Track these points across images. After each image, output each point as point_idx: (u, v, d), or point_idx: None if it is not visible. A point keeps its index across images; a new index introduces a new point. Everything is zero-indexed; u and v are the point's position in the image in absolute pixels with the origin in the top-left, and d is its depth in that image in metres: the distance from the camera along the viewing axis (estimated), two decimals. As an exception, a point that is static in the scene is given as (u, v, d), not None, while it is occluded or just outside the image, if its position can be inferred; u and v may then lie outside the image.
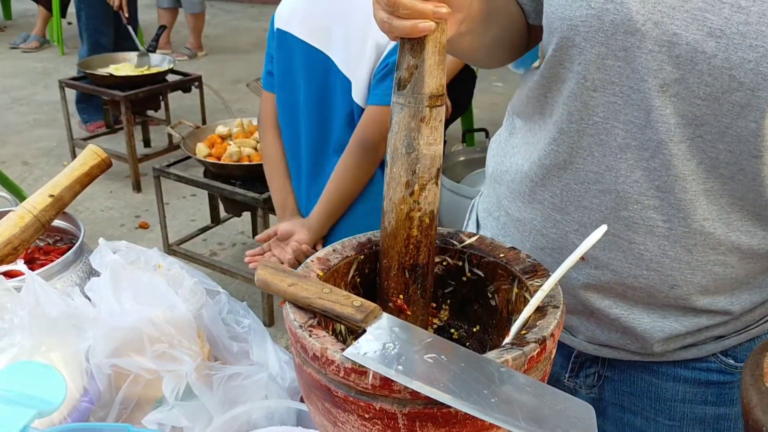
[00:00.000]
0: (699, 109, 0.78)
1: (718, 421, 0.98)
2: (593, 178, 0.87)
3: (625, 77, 0.80)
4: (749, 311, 0.93)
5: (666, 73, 0.78)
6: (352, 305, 0.70)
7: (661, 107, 0.79)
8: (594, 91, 0.83)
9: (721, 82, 0.76)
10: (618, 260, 0.89)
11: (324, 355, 0.66)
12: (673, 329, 0.92)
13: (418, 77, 0.74)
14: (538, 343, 0.67)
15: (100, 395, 0.84)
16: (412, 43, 0.74)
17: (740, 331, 0.94)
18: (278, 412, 0.90)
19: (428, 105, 0.74)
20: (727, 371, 0.96)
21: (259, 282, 0.76)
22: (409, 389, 0.62)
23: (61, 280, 1.04)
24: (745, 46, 0.73)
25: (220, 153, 2.84)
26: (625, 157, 0.83)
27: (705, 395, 0.97)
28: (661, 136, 0.80)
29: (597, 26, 0.80)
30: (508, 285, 0.82)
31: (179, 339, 0.86)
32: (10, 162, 4.44)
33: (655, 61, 0.78)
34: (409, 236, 0.79)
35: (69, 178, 1.12)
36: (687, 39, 0.76)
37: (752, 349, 0.89)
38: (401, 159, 0.76)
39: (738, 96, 0.75)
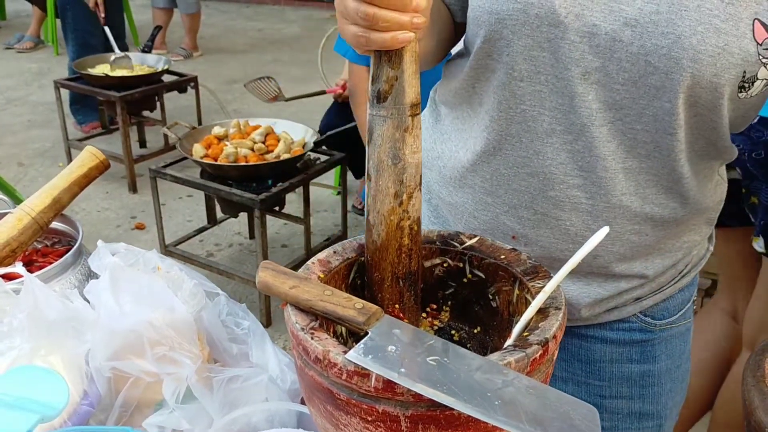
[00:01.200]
0: (618, 93, 0.85)
1: (643, 378, 1.07)
2: (521, 162, 0.93)
3: (550, 66, 0.87)
4: (662, 274, 1.02)
5: (587, 61, 0.85)
6: (354, 308, 0.70)
7: (584, 93, 0.86)
8: (521, 81, 0.89)
9: (638, 68, 0.83)
10: (546, 236, 0.96)
11: (326, 358, 0.66)
12: (597, 294, 1.00)
13: (398, 88, 0.74)
14: (541, 345, 0.67)
15: (100, 398, 0.84)
16: (390, 55, 0.74)
17: (655, 291, 1.03)
18: (279, 415, 0.90)
19: (410, 114, 0.75)
20: (647, 329, 1.05)
21: (260, 284, 0.75)
22: (411, 392, 0.62)
23: (59, 283, 1.04)
24: (658, 34, 0.80)
25: (216, 154, 2.83)
26: (551, 141, 0.90)
27: (630, 354, 1.06)
28: (583, 120, 0.87)
29: (523, 20, 0.86)
30: (509, 286, 0.82)
31: (179, 341, 0.85)
32: (5, 163, 4.42)
33: (577, 51, 0.84)
34: (400, 246, 0.79)
35: (67, 180, 1.12)
36: (605, 29, 0.83)
37: (667, 308, 1.06)
38: (387, 170, 0.76)
39: (653, 79, 0.83)
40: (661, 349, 1.06)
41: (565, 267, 0.73)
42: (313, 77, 5.07)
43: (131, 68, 4.14)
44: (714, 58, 0.80)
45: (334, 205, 3.89)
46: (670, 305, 1.06)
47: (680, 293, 1.07)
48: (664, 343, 1.07)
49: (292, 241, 3.58)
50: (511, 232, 0.97)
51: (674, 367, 1.09)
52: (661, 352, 1.06)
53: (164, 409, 0.84)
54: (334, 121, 3.31)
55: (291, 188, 2.84)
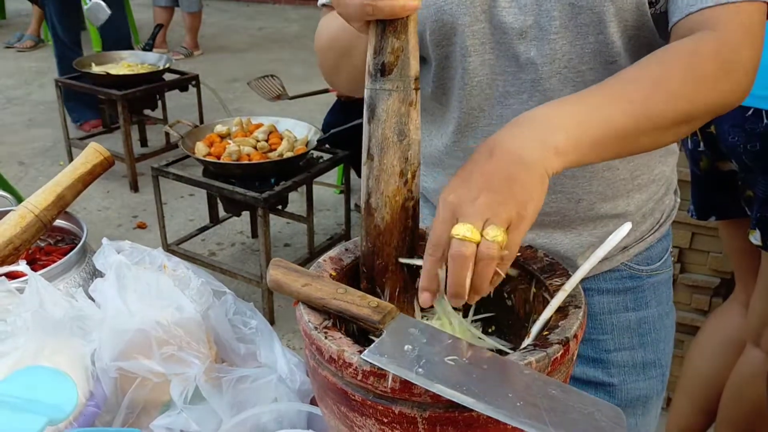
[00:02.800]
0: (556, 42, 0.90)
1: (640, 325, 1.13)
2: (488, 130, 0.96)
3: (490, 35, 0.92)
4: (642, 221, 1.07)
5: (520, 21, 0.90)
6: (368, 306, 0.68)
7: (526, 51, 0.91)
8: (469, 56, 0.93)
9: (565, 14, 0.88)
10: None
11: (341, 358, 0.64)
12: (589, 242, 1.04)
13: (404, 60, 0.72)
14: (562, 345, 0.65)
15: (106, 399, 0.82)
16: (395, 25, 0.71)
17: (638, 241, 1.09)
18: (288, 415, 0.88)
19: (414, 88, 0.73)
20: (636, 276, 1.11)
21: (271, 282, 0.74)
22: (429, 392, 0.61)
23: (63, 281, 1.02)
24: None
25: (219, 152, 2.81)
26: (508, 103, 0.94)
27: (624, 302, 1.11)
28: (532, 76, 0.92)
29: (457, 0, 0.90)
30: (525, 285, 0.80)
31: (187, 341, 0.83)
32: (6, 162, 4.40)
33: (509, 15, 0.90)
34: (405, 228, 0.76)
35: (71, 177, 1.10)
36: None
37: (650, 257, 1.12)
38: (393, 147, 0.74)
39: (582, 18, 0.88)
40: (650, 295, 1.12)
41: (586, 264, 0.71)
42: (314, 76, 5.05)
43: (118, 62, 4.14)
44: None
45: (337, 204, 3.87)
46: (653, 254, 1.12)
47: (659, 243, 1.12)
48: (652, 289, 1.13)
49: (294, 240, 3.56)
50: None
51: (664, 314, 1.15)
52: (651, 298, 1.13)
53: (172, 410, 0.82)
54: (336, 120, 3.29)
55: (294, 187, 2.82)
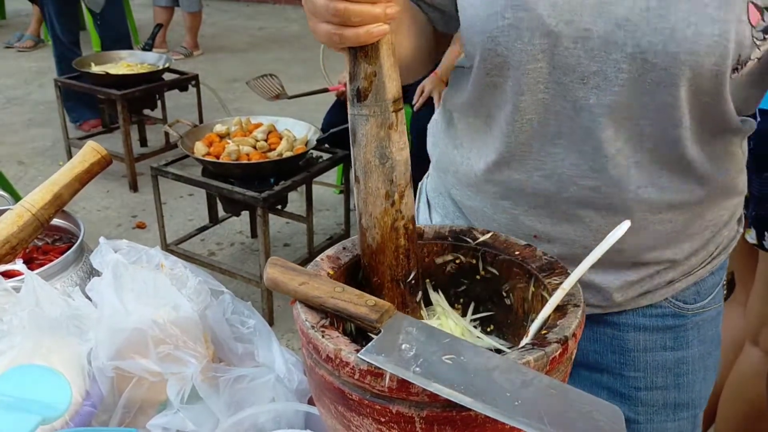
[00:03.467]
0: (619, 95, 0.83)
1: (677, 365, 1.05)
2: (534, 165, 0.92)
3: (548, 75, 0.85)
4: (693, 255, 1.01)
5: (584, 66, 0.83)
6: (365, 305, 0.68)
7: (585, 98, 0.85)
8: (522, 95, 0.87)
9: (635, 67, 0.81)
10: (567, 233, 0.94)
11: (338, 357, 0.64)
12: (628, 276, 0.99)
13: (378, 84, 0.71)
14: (560, 343, 0.65)
15: (102, 399, 0.82)
16: (366, 51, 0.71)
17: (687, 274, 1.02)
18: (286, 415, 0.88)
19: (393, 110, 0.72)
20: (680, 314, 1.04)
21: (268, 281, 0.73)
22: (427, 392, 0.60)
23: (60, 280, 1.02)
24: (651, 31, 0.79)
25: (218, 152, 2.80)
26: (560, 143, 0.89)
27: (663, 341, 1.04)
28: (588, 123, 0.86)
29: (515, 35, 0.84)
30: (524, 283, 0.80)
31: (184, 340, 0.83)
32: (5, 162, 4.40)
33: (572, 57, 0.83)
34: (397, 247, 0.77)
35: (68, 176, 1.09)
36: (598, 33, 0.81)
37: (698, 292, 1.04)
38: (376, 171, 0.74)
39: (652, 76, 0.81)
40: (693, 334, 1.05)
41: (584, 263, 0.71)
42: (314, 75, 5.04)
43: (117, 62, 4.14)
44: (711, 48, 0.78)
45: (336, 203, 3.87)
46: (702, 288, 1.04)
47: (711, 276, 1.05)
48: (697, 328, 1.05)
49: (294, 240, 3.55)
50: (531, 231, 0.96)
51: (706, 354, 1.07)
52: (694, 338, 1.05)
53: (169, 410, 0.82)
54: (336, 119, 3.29)
55: (294, 186, 2.81)
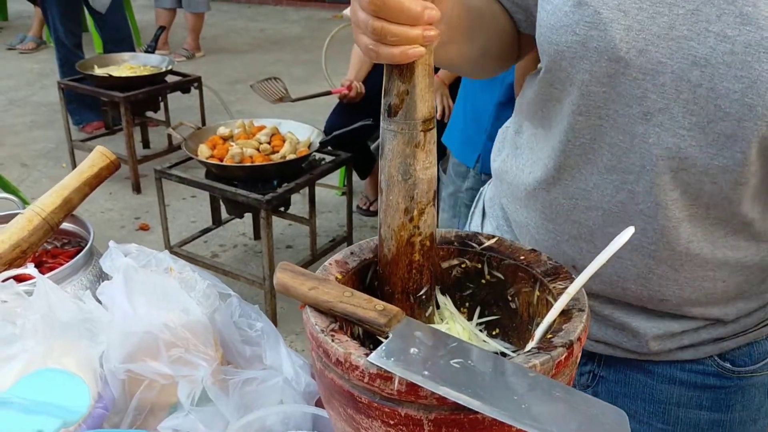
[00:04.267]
0: (684, 140, 0.77)
1: (712, 427, 0.98)
2: (580, 194, 0.88)
3: (611, 102, 0.80)
4: (747, 316, 0.93)
5: (650, 101, 0.77)
6: (374, 309, 0.69)
7: (645, 135, 0.79)
8: (579, 115, 0.83)
9: (706, 111, 0.75)
10: (607, 272, 0.89)
11: (348, 360, 0.65)
12: (669, 327, 0.92)
13: (409, 103, 0.72)
14: (566, 348, 0.66)
15: (114, 401, 0.83)
16: (401, 69, 0.71)
17: (738, 334, 0.94)
18: (294, 417, 0.89)
19: (422, 129, 0.72)
20: (724, 375, 0.96)
21: (279, 285, 0.74)
22: (435, 395, 0.61)
23: (71, 284, 1.03)
24: (731, 77, 0.72)
25: (221, 154, 2.82)
26: (611, 178, 0.84)
27: (700, 399, 0.97)
28: (644, 163, 0.81)
29: (582, 53, 0.79)
30: (529, 288, 0.81)
31: (195, 343, 0.84)
32: (8, 164, 4.41)
33: (639, 88, 0.78)
34: (411, 262, 0.78)
35: (78, 180, 1.11)
36: (672, 68, 0.75)
37: (750, 354, 0.94)
38: (398, 186, 0.75)
39: (723, 126, 0.74)
40: (736, 398, 0.96)
41: (588, 269, 0.72)
42: (315, 77, 5.06)
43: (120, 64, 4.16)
44: None
45: (339, 205, 3.89)
46: (754, 351, 0.95)
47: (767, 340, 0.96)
48: (741, 392, 0.96)
49: (297, 242, 3.57)
50: (571, 261, 0.92)
51: (749, 421, 0.98)
52: (736, 402, 0.96)
53: (179, 412, 0.83)
54: (339, 122, 3.30)
55: (297, 188, 2.83)
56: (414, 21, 0.66)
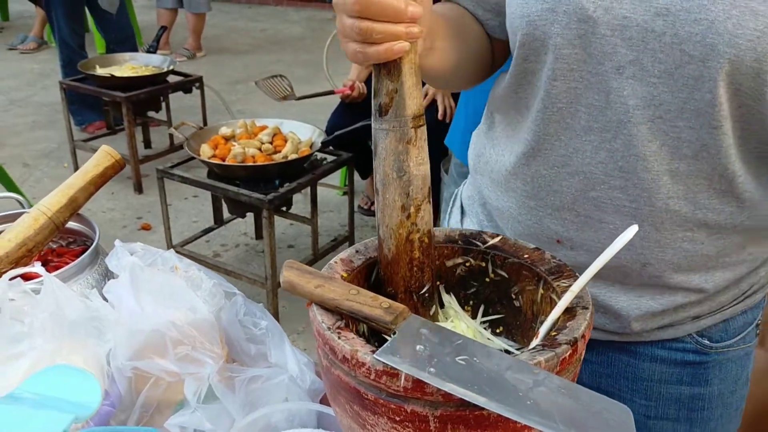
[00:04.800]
0: (655, 87, 0.81)
1: (693, 401, 1.02)
2: (561, 161, 0.91)
3: (583, 62, 0.84)
4: (723, 291, 0.96)
5: (620, 55, 0.82)
6: (380, 307, 0.70)
7: (619, 89, 0.83)
8: (555, 80, 0.87)
9: (673, 58, 0.79)
10: (591, 240, 0.92)
11: (354, 358, 0.66)
12: (650, 307, 0.95)
13: (399, 101, 0.74)
14: (570, 345, 0.67)
15: (121, 398, 0.83)
16: (389, 68, 0.74)
17: (715, 311, 0.98)
18: (299, 415, 0.90)
19: (412, 126, 0.75)
20: (703, 351, 1.00)
21: (285, 283, 0.75)
22: (441, 391, 0.62)
23: (77, 283, 1.03)
24: (691, 21, 0.77)
25: (223, 154, 2.83)
26: (589, 138, 0.87)
27: (681, 375, 1.01)
28: (620, 117, 0.84)
29: (552, 18, 0.84)
30: (533, 286, 0.82)
31: (201, 341, 0.85)
32: (10, 164, 4.42)
33: (608, 44, 0.82)
34: (411, 259, 0.79)
35: (83, 180, 1.11)
36: (637, 21, 0.80)
37: (726, 330, 0.99)
38: (393, 183, 0.76)
39: (690, 69, 0.79)
40: (714, 372, 1.01)
41: (592, 267, 0.72)
42: (316, 77, 5.07)
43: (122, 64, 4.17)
44: (753, 42, 0.75)
45: (340, 205, 3.89)
46: (730, 327, 1.00)
47: (742, 315, 1.01)
48: (719, 366, 1.01)
49: (298, 242, 3.57)
50: (555, 235, 0.94)
51: (727, 393, 1.03)
52: (714, 376, 1.01)
53: (186, 409, 0.84)
54: (340, 122, 3.31)
55: (299, 188, 2.83)
56: (398, 17, 0.71)
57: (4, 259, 1.03)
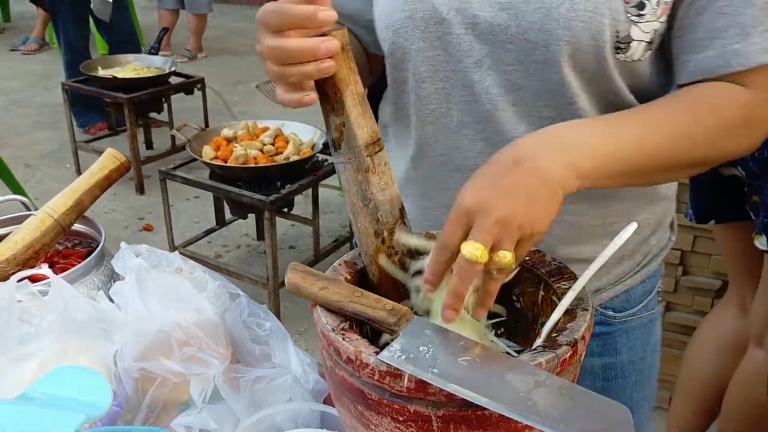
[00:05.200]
0: (511, 75, 0.88)
1: (606, 371, 1.07)
2: (444, 159, 0.96)
3: (445, 62, 0.91)
4: (618, 263, 1.01)
5: (476, 51, 0.88)
6: (384, 308, 0.71)
7: (481, 81, 0.90)
8: (423, 82, 0.93)
9: (520, 47, 0.86)
10: None
11: (358, 358, 0.67)
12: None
13: (348, 133, 0.75)
14: (570, 346, 0.68)
15: (127, 399, 0.85)
16: (332, 104, 0.75)
17: (615, 283, 1.03)
18: (302, 415, 0.91)
19: (368, 155, 0.76)
20: (608, 322, 1.05)
21: (290, 285, 0.76)
22: (444, 392, 0.63)
23: (84, 284, 1.05)
24: (530, 11, 0.84)
25: (225, 155, 2.84)
26: (464, 133, 0.93)
27: (590, 347, 1.03)
28: (487, 107, 0.90)
29: (412, 25, 0.90)
30: (533, 288, 0.83)
31: (207, 342, 0.86)
32: (12, 164, 4.40)
33: (464, 42, 0.89)
34: (395, 282, 0.81)
35: (89, 182, 1.13)
36: (485, 17, 0.87)
37: (628, 300, 1.05)
38: (361, 212, 0.78)
39: (537, 55, 0.86)
40: (622, 341, 1.06)
41: (593, 266, 0.74)
42: (318, 79, 5.07)
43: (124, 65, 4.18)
44: (586, 23, 0.82)
45: (341, 206, 3.90)
46: (631, 297, 1.05)
47: (642, 284, 1.06)
48: (626, 335, 1.06)
49: (299, 243, 3.59)
50: None
51: (638, 359, 1.09)
52: (623, 345, 1.06)
53: (191, 409, 0.85)
54: (341, 123, 3.32)
55: (300, 190, 2.84)
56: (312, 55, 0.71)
57: (11, 260, 1.04)
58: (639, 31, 0.84)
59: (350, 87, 0.75)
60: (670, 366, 2.35)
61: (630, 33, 0.83)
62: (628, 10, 0.82)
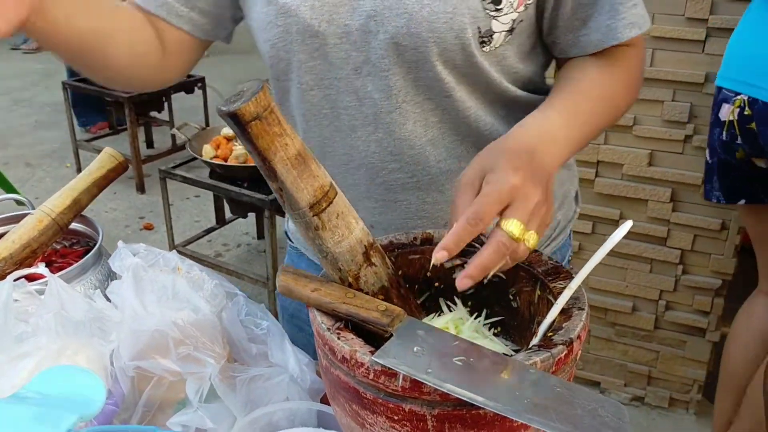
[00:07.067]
0: (389, 78, 0.91)
1: None
2: (345, 159, 0.99)
3: (327, 71, 0.94)
4: None
5: (353, 58, 0.91)
6: (377, 309, 0.71)
7: (363, 87, 0.93)
8: (311, 90, 0.96)
9: (391, 52, 0.89)
10: (392, 219, 1.02)
11: (353, 358, 0.67)
12: None
13: (288, 197, 0.72)
14: (566, 345, 0.68)
15: (124, 397, 0.85)
16: (265, 171, 0.71)
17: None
18: (299, 414, 0.91)
19: (314, 214, 0.72)
20: None
21: (282, 288, 0.76)
22: (438, 391, 0.63)
23: (81, 283, 1.05)
24: (394, 17, 0.87)
25: (225, 154, 2.84)
26: (357, 135, 0.97)
27: None
28: (373, 110, 0.94)
29: (289, 39, 0.93)
30: (530, 287, 0.83)
31: (203, 341, 0.86)
32: (13, 164, 4.44)
33: (341, 51, 0.91)
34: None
35: (86, 182, 1.13)
36: (355, 26, 0.90)
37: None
38: (324, 263, 0.77)
39: (408, 56, 0.89)
40: None
41: (587, 265, 0.73)
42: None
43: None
44: (449, 24, 0.86)
45: (341, 205, 3.90)
46: None
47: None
48: None
49: (299, 242, 3.58)
50: (366, 223, 0.91)
51: None
52: None
53: (188, 408, 0.85)
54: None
55: (300, 189, 2.84)
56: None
57: (8, 260, 1.04)
58: (499, 24, 0.89)
59: (278, 154, 0.69)
60: (671, 366, 2.34)
61: (491, 26, 0.88)
62: (486, 6, 0.87)
